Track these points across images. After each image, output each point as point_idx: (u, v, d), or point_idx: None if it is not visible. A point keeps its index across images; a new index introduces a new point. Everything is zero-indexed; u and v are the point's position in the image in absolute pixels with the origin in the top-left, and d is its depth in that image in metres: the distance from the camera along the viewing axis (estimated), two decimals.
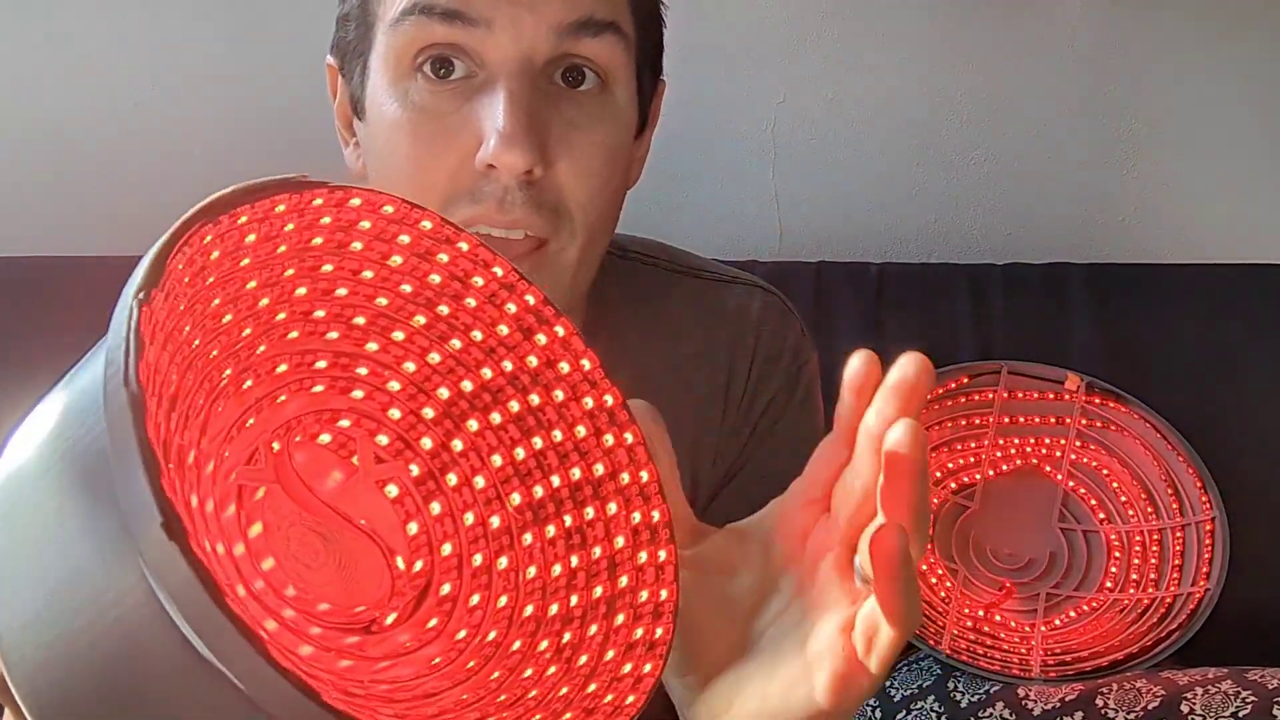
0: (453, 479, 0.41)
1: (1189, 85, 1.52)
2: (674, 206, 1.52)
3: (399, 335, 0.41)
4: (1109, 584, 1.24)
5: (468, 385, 0.41)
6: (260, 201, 0.35)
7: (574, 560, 0.41)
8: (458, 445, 0.42)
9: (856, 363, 0.42)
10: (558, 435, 0.42)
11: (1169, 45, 1.51)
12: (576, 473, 0.42)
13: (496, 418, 0.42)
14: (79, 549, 0.29)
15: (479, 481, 0.42)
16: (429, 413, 0.41)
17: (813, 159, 1.53)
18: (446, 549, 0.41)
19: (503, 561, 0.41)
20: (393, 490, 0.41)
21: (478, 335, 0.41)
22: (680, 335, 0.75)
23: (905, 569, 0.36)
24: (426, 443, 0.41)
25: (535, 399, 0.42)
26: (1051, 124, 1.53)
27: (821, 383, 0.80)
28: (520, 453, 0.42)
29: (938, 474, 1.30)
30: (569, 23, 0.59)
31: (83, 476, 0.30)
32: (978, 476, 1.29)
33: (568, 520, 0.41)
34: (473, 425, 0.42)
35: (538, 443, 0.42)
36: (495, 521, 0.41)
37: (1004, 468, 1.30)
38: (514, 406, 0.42)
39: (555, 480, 0.42)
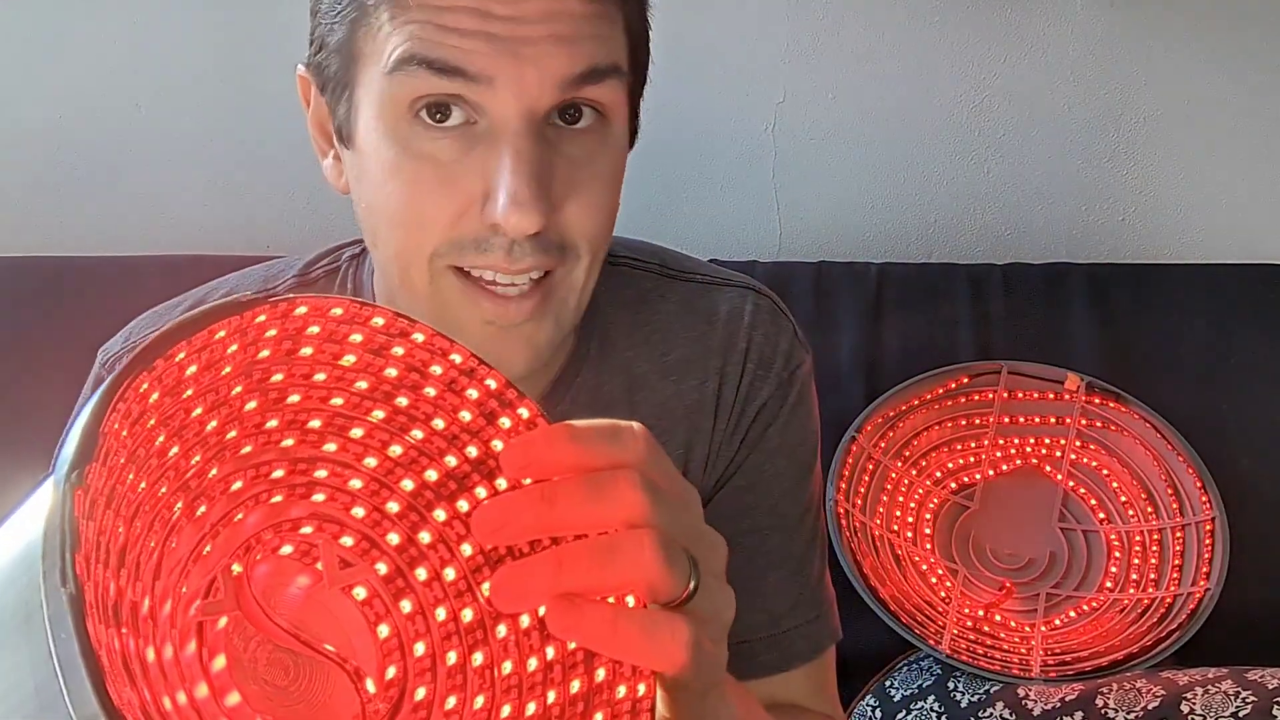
0: (422, 573, 0.40)
1: (1188, 85, 1.52)
2: (674, 206, 1.52)
3: (357, 432, 0.40)
4: (1109, 584, 1.24)
5: (432, 475, 0.40)
6: (198, 335, 0.34)
7: (549, 652, 0.40)
8: (425, 537, 0.40)
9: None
10: None
11: (1169, 45, 1.51)
12: None
13: (464, 505, 0.40)
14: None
15: (449, 574, 0.40)
16: (394, 507, 0.40)
17: (813, 159, 1.53)
18: (419, 649, 0.40)
19: (477, 658, 0.40)
20: (361, 592, 0.40)
21: (439, 424, 0.40)
22: (671, 340, 0.75)
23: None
24: (393, 538, 0.40)
25: (502, 483, 0.40)
26: (1051, 124, 1.53)
27: (821, 382, 0.80)
28: None
29: (938, 474, 1.30)
30: (573, 76, 0.58)
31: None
32: (978, 476, 1.29)
33: (541, 609, 0.39)
34: (440, 515, 0.40)
35: None
36: (468, 615, 0.40)
37: (1004, 468, 1.31)
38: (480, 493, 0.40)
39: None
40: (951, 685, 1.14)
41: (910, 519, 1.27)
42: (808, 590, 0.77)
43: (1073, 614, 1.23)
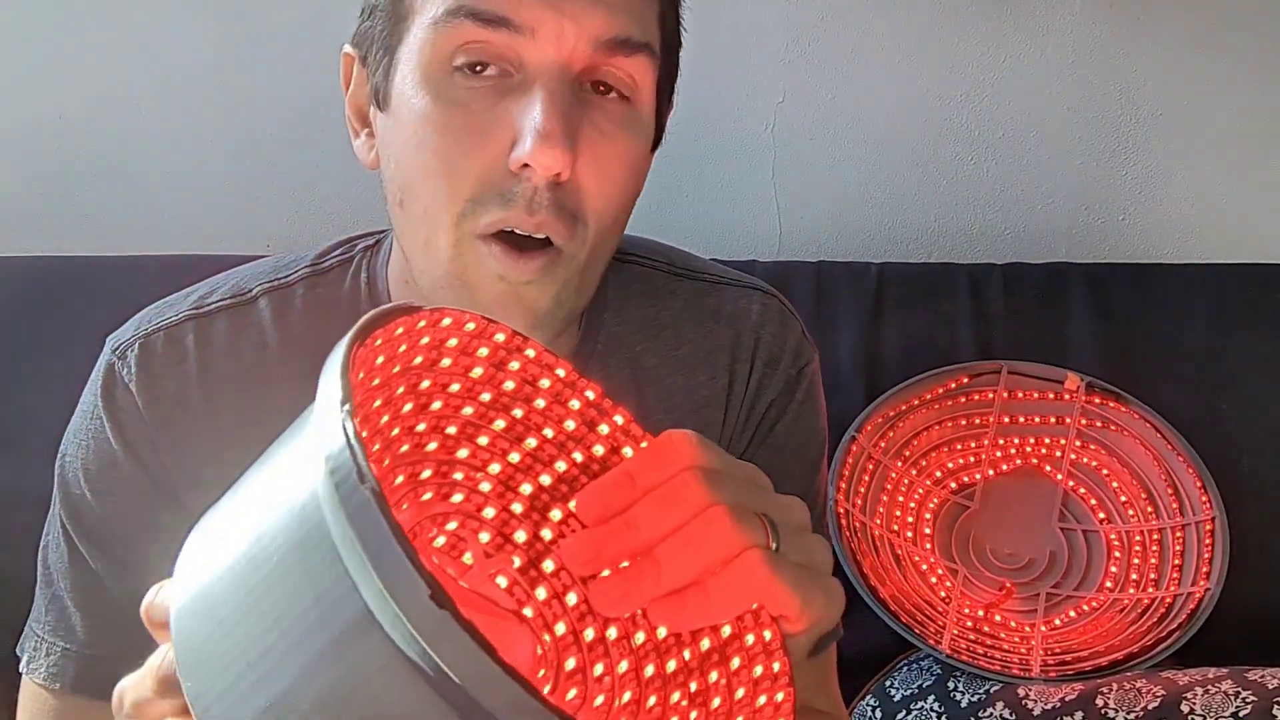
0: (549, 565, 0.44)
1: (1189, 85, 1.52)
2: (674, 206, 1.52)
3: (483, 440, 0.44)
4: (1109, 584, 1.24)
5: (546, 479, 0.44)
6: (388, 325, 0.37)
7: None
8: (547, 534, 0.44)
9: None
10: None
11: (1168, 45, 1.51)
12: None
13: (575, 505, 0.44)
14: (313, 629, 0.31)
15: None
16: (518, 508, 0.44)
17: (813, 159, 1.53)
18: (560, 628, 0.43)
19: (612, 632, 0.43)
20: (502, 581, 0.44)
21: (549, 432, 0.44)
22: (680, 338, 0.75)
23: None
24: (520, 535, 0.44)
25: None
26: (1051, 124, 1.53)
27: (821, 382, 0.80)
28: None
29: (938, 474, 1.30)
30: (609, 38, 0.60)
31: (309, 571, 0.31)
32: (978, 476, 1.29)
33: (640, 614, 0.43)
34: (556, 514, 0.44)
35: None
36: None
37: (1004, 468, 1.30)
38: None
39: None
40: (951, 685, 1.14)
41: (910, 519, 1.27)
42: None
43: (1073, 614, 1.23)
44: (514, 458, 0.44)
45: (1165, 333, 1.38)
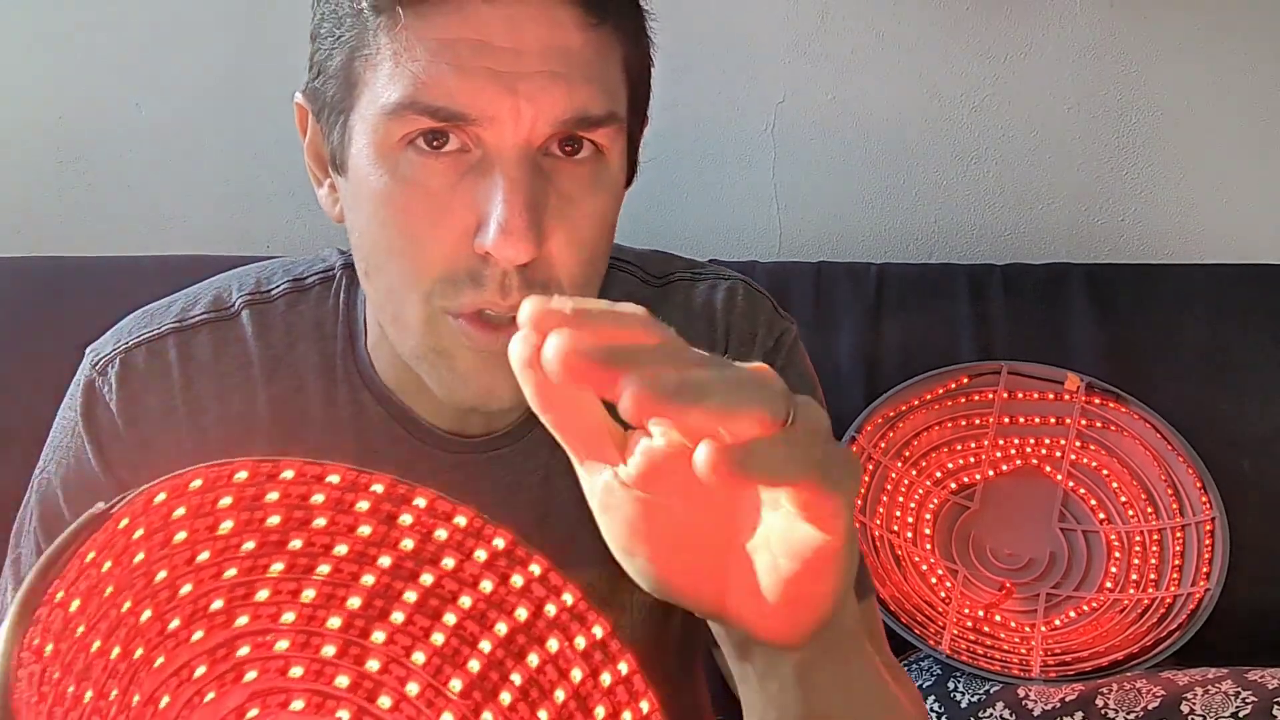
0: (386, 700, 0.40)
1: (1189, 85, 1.52)
2: (674, 206, 1.52)
3: (264, 594, 0.39)
4: (1109, 584, 1.24)
5: (355, 601, 0.40)
6: (70, 565, 0.33)
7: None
8: (374, 665, 0.41)
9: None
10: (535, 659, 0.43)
11: (1169, 45, 1.51)
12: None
13: (398, 616, 0.41)
14: None
15: (412, 689, 0.41)
16: (329, 650, 0.40)
17: (813, 159, 1.53)
18: None
19: None
20: None
21: (341, 549, 0.40)
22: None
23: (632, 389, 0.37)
24: (343, 680, 0.41)
25: (428, 579, 0.41)
26: (1051, 124, 1.53)
27: (821, 382, 0.80)
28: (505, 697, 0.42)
29: (938, 474, 1.30)
30: (569, 118, 0.57)
31: None
32: (978, 476, 1.29)
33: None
34: (379, 636, 0.41)
35: (532, 660, 0.42)
36: (448, 719, 0.41)
37: (1004, 468, 1.30)
38: (410, 595, 0.41)
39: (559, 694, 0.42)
40: (951, 685, 1.14)
41: (910, 519, 1.27)
42: None
43: (1073, 614, 1.23)
44: (308, 595, 0.40)
45: (1165, 333, 1.38)
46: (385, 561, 0.40)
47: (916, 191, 1.55)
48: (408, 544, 0.40)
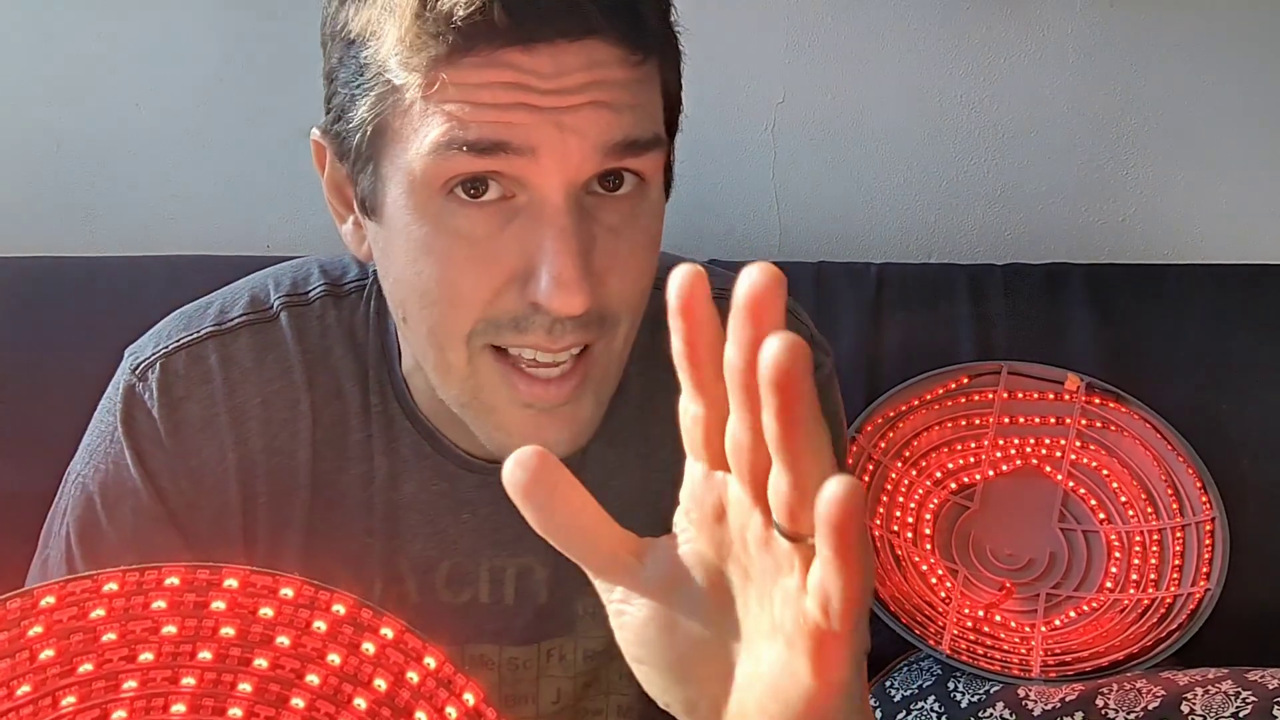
0: None
1: (1189, 85, 1.52)
2: (674, 206, 1.52)
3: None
4: (1109, 584, 1.24)
5: None
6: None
7: None
8: None
9: (680, 281, 0.37)
10: None
11: (1169, 45, 1.51)
12: None
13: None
14: None
15: None
16: None
17: (813, 159, 1.53)
18: None
19: None
20: None
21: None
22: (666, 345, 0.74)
23: (840, 512, 0.32)
24: None
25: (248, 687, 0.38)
26: (1051, 124, 1.53)
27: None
28: None
29: (938, 474, 1.30)
30: (614, 144, 0.56)
31: None
32: (978, 476, 1.29)
33: None
34: None
35: None
36: None
37: (1004, 468, 1.30)
38: None
39: None
40: (951, 685, 1.14)
41: (910, 519, 1.27)
42: None
43: (1073, 614, 1.23)
44: None
45: (1165, 333, 1.38)
46: (206, 655, 0.36)
47: (916, 191, 1.55)
48: (228, 630, 0.37)
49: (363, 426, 0.70)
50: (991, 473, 1.30)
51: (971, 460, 1.30)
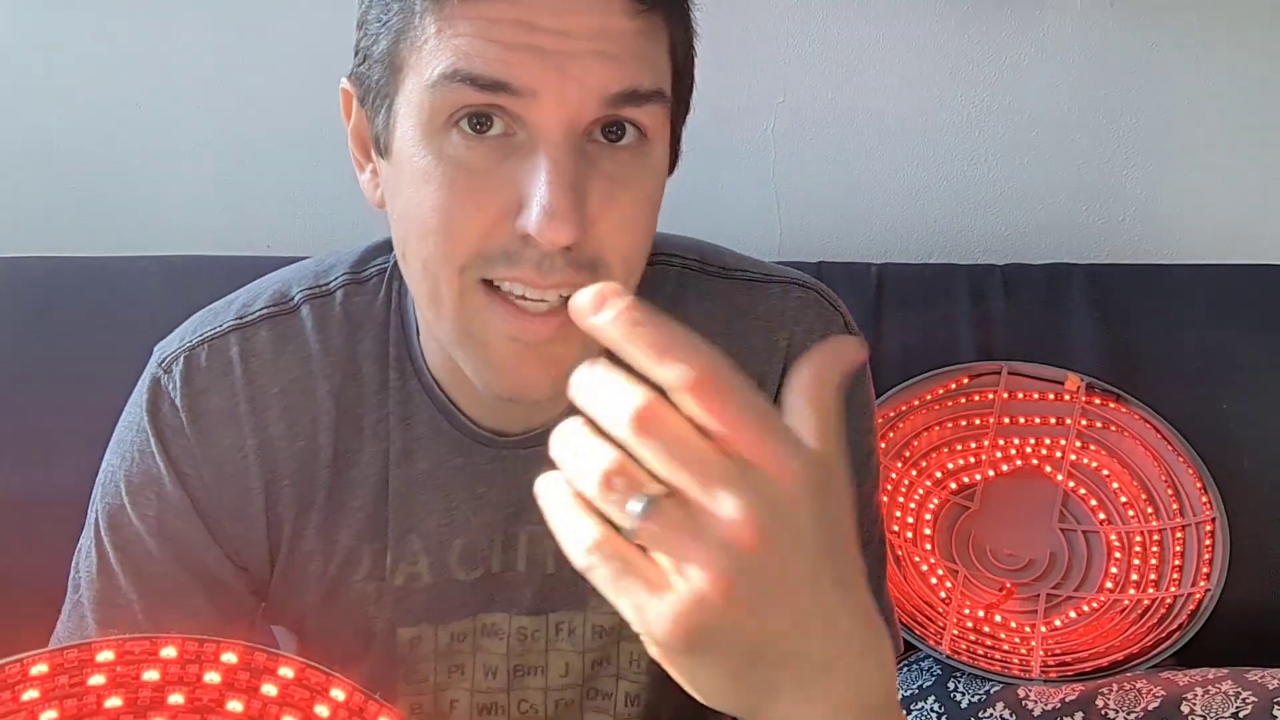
0: None
1: (1189, 85, 1.52)
2: (673, 206, 1.51)
3: None
4: (1109, 584, 1.24)
5: None
6: None
7: None
8: None
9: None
10: None
11: (1169, 45, 1.51)
12: None
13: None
14: None
15: None
16: None
17: (813, 159, 1.53)
18: None
19: None
20: None
21: None
22: (708, 339, 0.74)
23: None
24: None
25: None
26: (1051, 124, 1.53)
27: None
28: None
29: (938, 474, 1.30)
30: (615, 93, 0.57)
31: None
32: (978, 476, 1.29)
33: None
34: None
35: None
36: None
37: (1004, 468, 1.30)
38: None
39: None
40: (951, 686, 1.14)
41: (910, 519, 1.27)
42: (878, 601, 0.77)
43: (1073, 614, 1.23)
44: None
45: (1165, 333, 1.38)
46: None
47: (916, 191, 1.55)
48: (115, 701, 0.35)
49: (380, 405, 0.72)
50: (991, 473, 1.30)
51: (971, 460, 1.30)
